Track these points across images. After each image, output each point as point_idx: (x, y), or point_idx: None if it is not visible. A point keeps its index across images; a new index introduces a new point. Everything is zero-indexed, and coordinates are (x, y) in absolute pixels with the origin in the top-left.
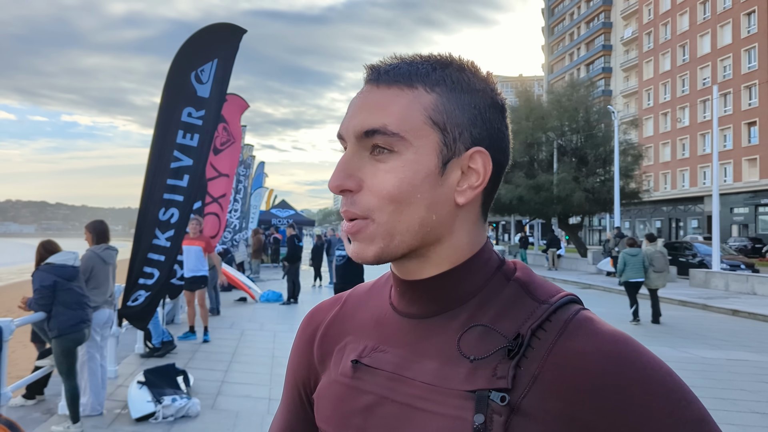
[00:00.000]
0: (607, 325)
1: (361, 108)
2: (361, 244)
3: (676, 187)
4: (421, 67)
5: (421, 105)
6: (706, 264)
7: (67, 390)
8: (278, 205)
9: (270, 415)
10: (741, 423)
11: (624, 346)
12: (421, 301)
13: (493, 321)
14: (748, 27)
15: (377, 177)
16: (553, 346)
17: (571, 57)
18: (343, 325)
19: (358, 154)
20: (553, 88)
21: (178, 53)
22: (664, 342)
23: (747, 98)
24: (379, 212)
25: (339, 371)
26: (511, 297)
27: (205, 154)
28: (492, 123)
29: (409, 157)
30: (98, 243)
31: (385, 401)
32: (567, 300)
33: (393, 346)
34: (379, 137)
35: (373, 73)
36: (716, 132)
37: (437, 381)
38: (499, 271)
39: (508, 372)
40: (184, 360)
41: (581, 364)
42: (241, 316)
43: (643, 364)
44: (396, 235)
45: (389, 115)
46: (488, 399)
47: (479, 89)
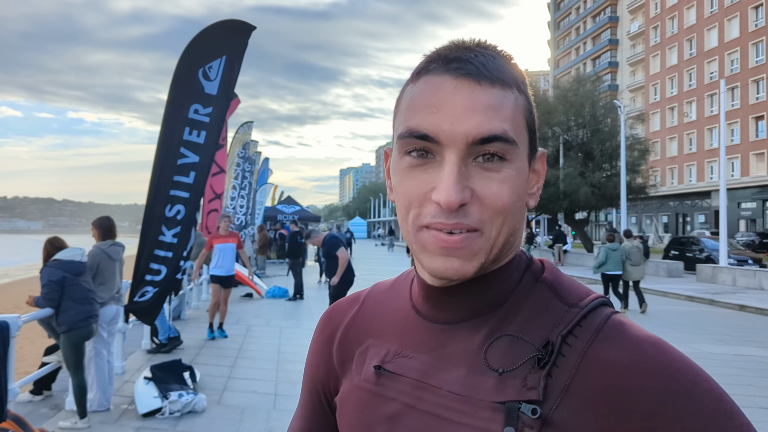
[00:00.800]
0: (641, 330)
1: (470, 109)
2: (461, 260)
3: (683, 182)
4: (500, 62)
5: (521, 107)
6: (713, 259)
7: (75, 385)
8: (284, 201)
9: (276, 411)
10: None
11: (660, 353)
12: (448, 306)
13: (521, 327)
14: (755, 20)
15: (490, 188)
16: (584, 353)
17: (578, 51)
18: (363, 327)
19: (464, 161)
20: (559, 83)
21: (185, 50)
22: (671, 337)
23: (755, 92)
24: (490, 225)
25: (362, 377)
26: (540, 300)
27: (211, 152)
28: (534, 121)
29: (518, 165)
30: (104, 239)
31: (410, 410)
32: (598, 303)
33: (417, 352)
34: (498, 144)
35: (466, 66)
36: (723, 126)
37: (464, 391)
38: (527, 271)
39: (538, 383)
40: (191, 356)
41: (615, 373)
42: (247, 311)
43: (683, 375)
44: (495, 249)
45: (505, 119)
46: (519, 411)
47: (526, 86)
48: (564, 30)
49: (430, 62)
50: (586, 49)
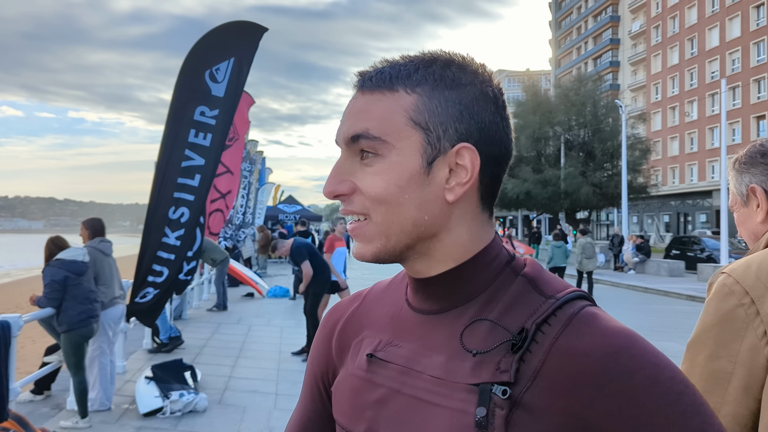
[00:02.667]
0: (613, 321)
1: (348, 115)
2: (360, 243)
3: (684, 181)
4: (404, 69)
5: (401, 107)
6: (714, 258)
7: (76, 385)
8: (285, 201)
9: (277, 410)
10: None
11: (628, 342)
12: (432, 297)
13: (499, 316)
14: (757, 20)
15: (366, 180)
16: (555, 340)
17: (579, 51)
18: (361, 321)
19: (350, 159)
20: (561, 83)
21: (191, 51)
22: (672, 337)
23: (756, 92)
24: (374, 212)
25: (355, 365)
26: (519, 292)
27: (217, 155)
28: (481, 116)
29: (393, 159)
30: (93, 238)
31: (396, 394)
32: (574, 296)
33: (406, 341)
34: (364, 142)
35: (360, 80)
36: (725, 126)
37: (444, 374)
38: (508, 266)
39: (511, 366)
40: (192, 355)
41: (583, 360)
42: (248, 311)
43: (648, 363)
44: (392, 236)
45: (371, 119)
46: (491, 392)
47: (466, 83)
48: (565, 29)
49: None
50: (588, 48)
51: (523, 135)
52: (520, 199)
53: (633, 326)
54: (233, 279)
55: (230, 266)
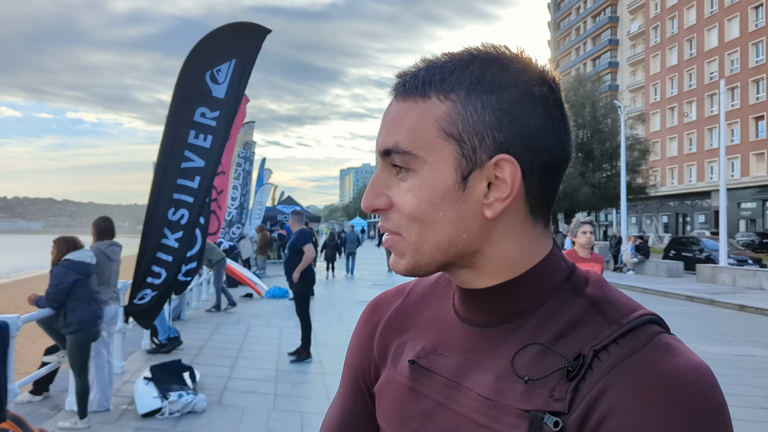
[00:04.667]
0: (690, 355)
1: (383, 125)
2: (395, 257)
3: (683, 182)
4: (438, 72)
5: (432, 117)
6: (713, 259)
7: (78, 386)
8: (284, 202)
9: (276, 411)
10: (748, 418)
11: (692, 385)
12: (480, 309)
13: (555, 339)
14: (755, 20)
15: (400, 196)
16: (612, 368)
17: (578, 52)
18: (405, 320)
19: (386, 171)
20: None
21: (192, 52)
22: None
23: (755, 92)
24: (408, 231)
25: (398, 369)
26: (579, 315)
27: (218, 156)
28: (524, 121)
29: (424, 175)
30: (102, 239)
31: (442, 409)
32: (643, 321)
33: (452, 352)
34: (395, 156)
35: (396, 85)
36: (723, 126)
37: (493, 395)
38: (567, 283)
39: (565, 395)
40: (191, 356)
41: (630, 386)
42: (247, 312)
43: (710, 417)
44: (425, 254)
45: (401, 132)
46: (542, 422)
47: (507, 84)
48: (564, 30)
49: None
50: (586, 49)
51: None
52: None
53: None
54: (232, 279)
55: (229, 267)
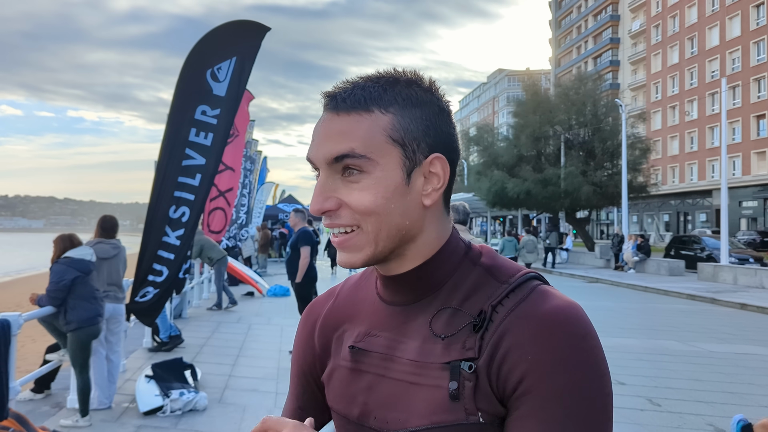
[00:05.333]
0: (562, 297)
1: (326, 136)
2: (349, 253)
3: (684, 180)
4: (374, 90)
5: (380, 127)
6: (714, 258)
7: (79, 383)
8: (285, 200)
9: (277, 409)
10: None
11: (563, 315)
12: (401, 291)
13: (461, 302)
14: (757, 19)
15: (353, 195)
16: (506, 317)
17: (579, 50)
18: (338, 316)
19: (331, 177)
20: (561, 82)
21: (193, 50)
22: (673, 336)
23: (756, 91)
24: (365, 223)
25: (341, 356)
26: (477, 280)
27: (218, 154)
28: (442, 128)
29: (378, 175)
30: (100, 237)
31: (381, 379)
32: (525, 278)
33: (383, 331)
34: (349, 160)
35: (332, 102)
36: (725, 125)
37: (419, 357)
38: (466, 257)
39: (475, 344)
40: (192, 354)
41: (521, 327)
42: (248, 310)
43: (582, 336)
44: (380, 242)
45: (354, 139)
46: (460, 368)
47: (427, 101)
48: (565, 29)
49: (323, 99)
50: (588, 47)
51: (524, 134)
52: (520, 199)
53: (633, 325)
54: (233, 278)
55: (230, 265)
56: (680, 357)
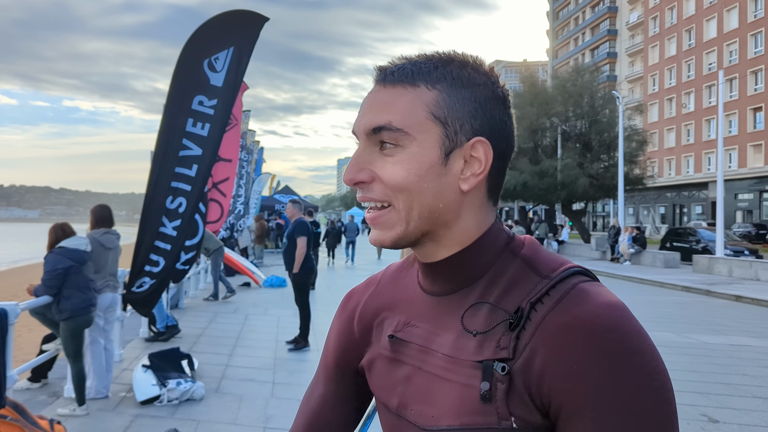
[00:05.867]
0: (604, 296)
1: (369, 107)
2: (380, 230)
3: (680, 173)
4: (424, 66)
5: (423, 102)
6: (709, 250)
7: (74, 373)
8: (281, 191)
9: (274, 399)
10: (743, 407)
11: (607, 319)
12: (439, 280)
13: (499, 297)
14: (755, 11)
15: (386, 169)
16: (545, 317)
17: (576, 42)
18: (379, 303)
19: (369, 149)
20: (558, 74)
21: (190, 39)
22: (668, 327)
23: (753, 83)
24: (396, 199)
25: (381, 344)
26: (517, 273)
27: (216, 145)
28: (492, 114)
29: (413, 150)
30: (97, 227)
31: (418, 371)
32: (568, 273)
33: (421, 321)
34: (386, 133)
35: (381, 74)
36: (722, 118)
37: (453, 352)
38: (507, 248)
39: (509, 343)
40: (188, 344)
41: (562, 333)
42: (244, 300)
43: (628, 343)
44: (411, 222)
45: (394, 112)
46: (492, 369)
47: (480, 83)
48: (563, 20)
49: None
50: (585, 39)
51: (521, 126)
52: (517, 190)
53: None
54: (230, 268)
55: (227, 256)
56: (675, 348)
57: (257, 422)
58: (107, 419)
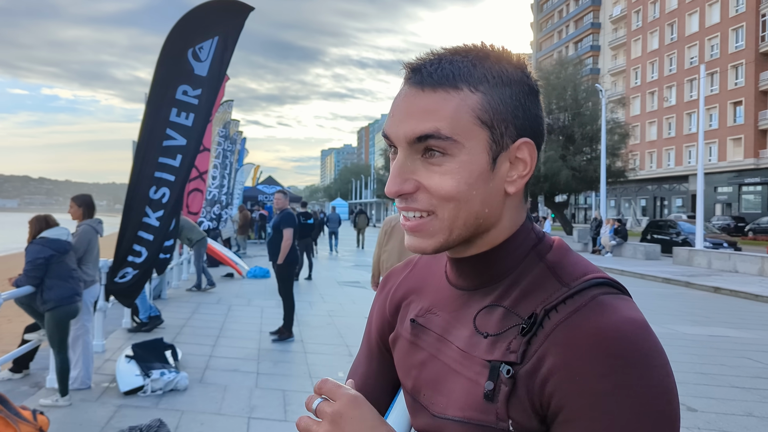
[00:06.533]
0: (623, 311)
1: (409, 113)
2: (421, 239)
3: (661, 165)
4: (462, 65)
5: (468, 107)
6: (689, 242)
7: (58, 363)
8: (264, 182)
9: (258, 389)
10: (721, 397)
11: (620, 334)
12: (464, 275)
13: (516, 300)
14: (736, 6)
15: (433, 179)
16: (557, 325)
17: (560, 34)
18: (409, 285)
19: (411, 157)
20: (542, 66)
21: (174, 28)
22: (648, 318)
23: (734, 78)
24: (442, 209)
25: (404, 327)
26: (538, 278)
27: (200, 135)
28: (531, 110)
29: (463, 159)
30: (90, 216)
31: (433, 359)
32: (590, 284)
33: (442, 311)
34: (433, 141)
35: (416, 76)
36: (702, 111)
37: (467, 348)
38: (533, 250)
39: (519, 348)
40: (172, 335)
41: (571, 343)
42: (228, 291)
43: (637, 362)
44: (455, 230)
45: (440, 119)
46: (499, 370)
47: (517, 79)
48: (547, 12)
49: (405, 71)
50: (569, 32)
51: None
52: None
53: None
54: (213, 259)
55: (210, 246)
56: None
57: (242, 412)
58: (90, 410)
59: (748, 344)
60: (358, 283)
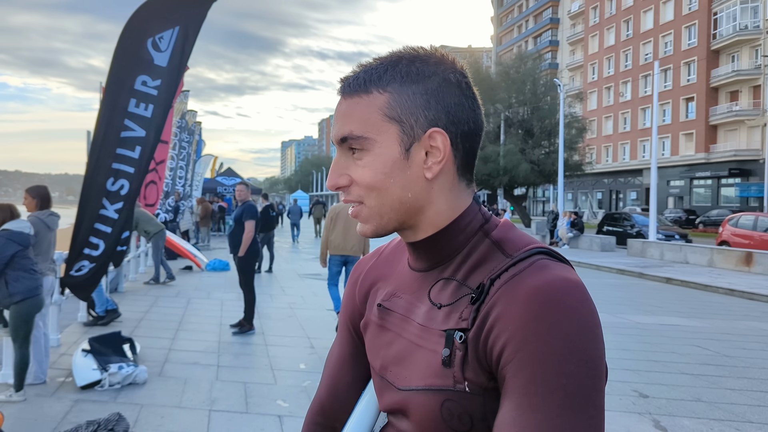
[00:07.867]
0: (561, 272)
1: (336, 119)
2: (362, 224)
3: (617, 159)
4: (375, 72)
5: (376, 106)
6: (643, 234)
7: (17, 358)
8: (224, 173)
9: (219, 382)
10: (671, 383)
11: (554, 287)
12: (420, 258)
13: (467, 274)
14: (689, 4)
15: (358, 172)
16: (500, 288)
17: (520, 29)
18: (376, 273)
19: (344, 155)
20: (502, 60)
21: (132, 17)
22: (601, 308)
23: (686, 74)
24: (368, 198)
25: (372, 312)
26: (486, 253)
27: (159, 126)
28: (446, 101)
29: (377, 152)
30: (42, 209)
31: (398, 338)
32: (532, 252)
33: (405, 293)
34: (351, 141)
35: (342, 86)
36: (656, 107)
37: (425, 322)
38: (480, 230)
39: (469, 315)
40: (130, 329)
41: (508, 298)
42: (187, 284)
43: (569, 309)
44: (384, 215)
45: (353, 122)
46: (453, 337)
47: (429, 74)
48: (507, 7)
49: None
50: (528, 27)
51: None
52: None
53: None
54: (171, 252)
55: (168, 239)
56: (609, 328)
57: (202, 405)
58: (46, 404)
59: (698, 332)
60: (319, 275)
